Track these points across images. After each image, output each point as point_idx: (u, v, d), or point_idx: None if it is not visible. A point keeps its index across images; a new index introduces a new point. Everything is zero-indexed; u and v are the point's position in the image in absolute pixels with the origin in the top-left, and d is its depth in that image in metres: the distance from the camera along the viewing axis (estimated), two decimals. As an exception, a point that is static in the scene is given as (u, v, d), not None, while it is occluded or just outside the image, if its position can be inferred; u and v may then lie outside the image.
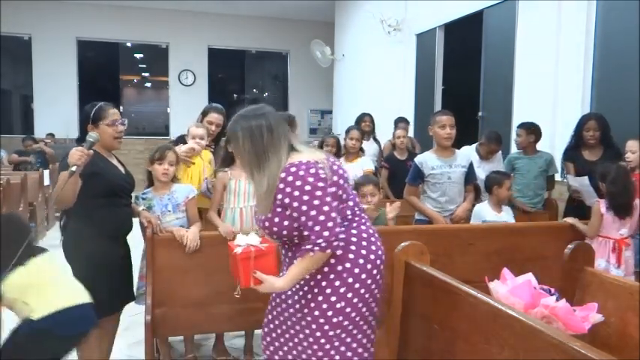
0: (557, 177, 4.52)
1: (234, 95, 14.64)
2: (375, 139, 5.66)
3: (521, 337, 1.63)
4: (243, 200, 3.06)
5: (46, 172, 7.77)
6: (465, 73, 6.86)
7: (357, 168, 4.13)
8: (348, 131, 4.56)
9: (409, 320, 2.26)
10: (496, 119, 4.65)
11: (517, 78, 5.52)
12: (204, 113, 3.61)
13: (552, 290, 2.06)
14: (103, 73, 12.76)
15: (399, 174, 4.57)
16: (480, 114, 6.05)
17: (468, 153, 4.12)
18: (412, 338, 2.25)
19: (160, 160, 2.86)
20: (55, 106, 11.44)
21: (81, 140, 2.62)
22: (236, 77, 14.30)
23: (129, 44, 12.95)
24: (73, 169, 2.35)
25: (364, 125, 5.44)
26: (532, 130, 4.38)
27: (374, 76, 8.94)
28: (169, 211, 2.87)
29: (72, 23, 11.63)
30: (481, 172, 4.13)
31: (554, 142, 4.78)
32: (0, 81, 11.77)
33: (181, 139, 3.50)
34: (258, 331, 3.47)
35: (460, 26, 6.85)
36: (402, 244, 2.28)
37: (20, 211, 5.96)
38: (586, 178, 3.80)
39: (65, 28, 11.62)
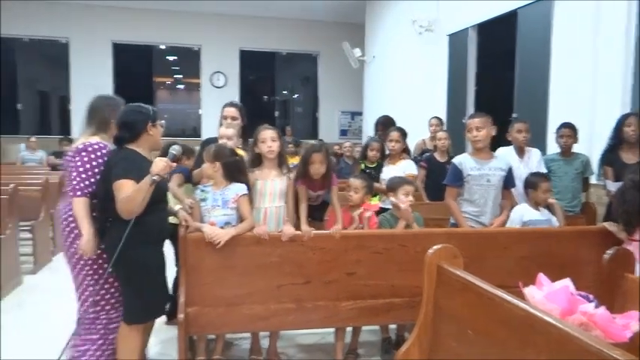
0: (593, 179, 4.41)
1: (265, 97, 14.72)
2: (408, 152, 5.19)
3: (558, 344, 1.58)
4: (268, 201, 3.10)
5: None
6: (498, 74, 6.75)
7: (399, 171, 4.06)
8: (388, 133, 4.49)
9: (441, 323, 2.23)
10: (531, 120, 4.54)
11: (553, 78, 5.39)
12: (221, 111, 3.73)
13: (591, 297, 2.00)
14: (137, 75, 13.01)
15: (436, 176, 4.47)
16: (513, 115, 5.93)
17: (507, 155, 4.03)
18: (444, 341, 2.22)
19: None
20: (92, 108, 11.69)
21: (122, 140, 2.64)
22: (266, 79, 14.39)
23: (162, 47, 13.18)
24: (155, 177, 2.40)
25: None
26: (576, 131, 4.29)
27: (405, 77, 8.87)
28: (218, 205, 2.90)
29: (108, 27, 11.91)
30: (522, 172, 4.06)
31: (592, 144, 4.65)
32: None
33: (213, 141, 3.55)
34: (283, 332, 3.51)
35: (493, 26, 6.73)
36: (435, 246, 2.25)
37: (58, 209, 6.12)
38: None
39: (101, 32, 11.91)
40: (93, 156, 2.71)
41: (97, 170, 2.69)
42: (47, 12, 11.59)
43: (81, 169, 2.68)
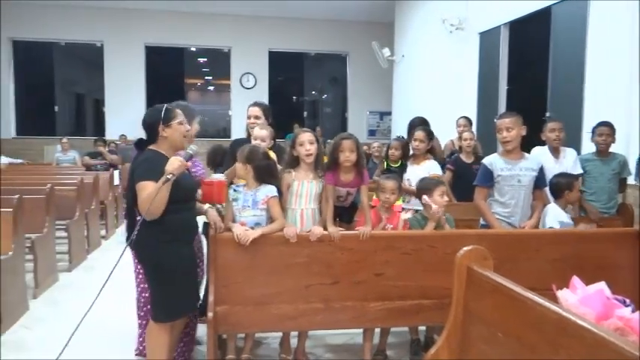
0: (630, 180, 4.28)
1: (294, 97, 14.80)
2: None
3: (593, 349, 1.54)
4: (305, 202, 3.09)
5: (116, 173, 8.16)
6: (530, 73, 6.62)
7: (424, 171, 4.03)
8: (413, 133, 4.46)
9: (471, 326, 2.20)
10: (565, 120, 4.44)
11: (588, 77, 5.26)
12: (247, 111, 3.76)
13: (627, 301, 1.94)
14: (169, 77, 13.26)
15: (464, 177, 4.44)
16: (547, 114, 5.81)
17: (539, 155, 3.95)
18: (473, 344, 2.19)
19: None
20: (125, 109, 12.00)
21: (145, 142, 2.70)
22: (295, 79, 14.47)
23: (193, 49, 13.39)
24: (169, 176, 2.43)
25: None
26: (614, 130, 4.18)
27: (434, 76, 8.79)
28: (249, 206, 2.93)
29: (141, 30, 12.17)
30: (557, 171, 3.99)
31: (629, 145, 4.52)
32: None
33: (240, 142, 3.59)
34: (311, 332, 3.51)
35: (526, 24, 6.61)
36: (464, 248, 2.22)
37: (92, 209, 6.29)
38: None
39: (135, 35, 12.18)
40: None
41: None
42: (83, 16, 11.91)
43: None
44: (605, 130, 4.19)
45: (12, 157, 9.82)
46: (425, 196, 3.25)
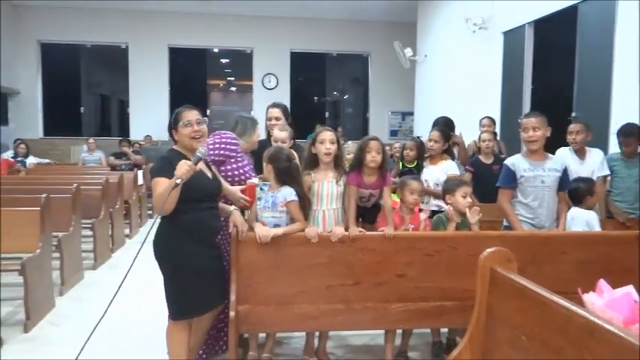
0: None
1: (315, 98, 14.82)
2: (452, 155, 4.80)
3: (620, 354, 1.51)
4: (326, 203, 3.08)
5: (140, 173, 8.28)
6: (556, 72, 6.51)
7: (441, 172, 4.01)
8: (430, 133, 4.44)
9: (494, 328, 2.18)
10: (592, 120, 4.36)
11: (616, 76, 5.15)
12: (266, 113, 3.79)
13: (656, 305, 1.90)
14: (192, 78, 13.40)
15: (484, 178, 4.41)
16: (573, 114, 5.71)
17: (563, 156, 3.89)
18: (496, 347, 2.17)
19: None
20: (149, 110, 12.17)
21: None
22: (317, 80, 14.49)
23: (216, 50, 13.51)
24: (178, 181, 2.47)
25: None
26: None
27: (457, 76, 8.71)
28: (268, 207, 2.94)
29: (164, 32, 12.33)
30: (582, 174, 3.93)
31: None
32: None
33: (262, 144, 3.62)
34: (333, 333, 3.52)
35: (551, 23, 6.50)
36: (488, 249, 2.19)
37: (116, 208, 6.39)
38: None
39: (158, 37, 12.34)
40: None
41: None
42: (108, 19, 12.12)
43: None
44: (632, 141, 4.11)
45: (40, 157, 10.06)
46: (448, 199, 3.24)
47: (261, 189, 3.01)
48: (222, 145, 3.18)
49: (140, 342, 3.60)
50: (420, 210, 3.56)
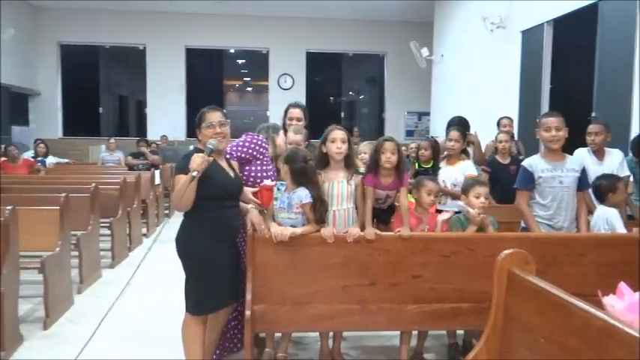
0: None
1: (331, 98, 14.82)
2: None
3: (641, 358, 1.49)
4: (336, 203, 3.06)
5: (157, 172, 8.36)
6: (575, 72, 6.41)
7: (458, 172, 3.98)
8: (447, 132, 4.41)
9: (511, 330, 2.15)
10: (612, 120, 4.29)
11: (637, 76, 5.06)
12: (285, 112, 3.77)
13: (678, 309, 1.86)
14: (209, 79, 13.50)
15: (500, 179, 4.37)
16: (592, 114, 5.63)
17: (581, 157, 3.83)
18: (514, 349, 2.14)
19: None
20: (166, 111, 12.28)
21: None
22: (333, 80, 14.49)
23: (232, 51, 13.58)
24: (194, 174, 2.51)
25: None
26: None
27: (475, 76, 8.64)
28: (284, 208, 2.94)
29: (181, 33, 12.44)
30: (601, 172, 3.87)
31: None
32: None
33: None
34: (347, 334, 3.51)
35: (571, 21, 6.42)
36: (505, 251, 2.17)
37: (134, 208, 6.46)
38: None
39: (175, 38, 12.45)
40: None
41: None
42: (126, 20, 12.27)
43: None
44: None
45: (59, 156, 10.20)
46: (462, 199, 3.21)
47: (278, 189, 3.02)
48: (252, 145, 3.21)
49: (155, 339, 3.63)
50: (439, 211, 3.53)
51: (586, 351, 1.70)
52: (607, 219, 3.41)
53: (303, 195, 2.90)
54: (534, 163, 3.34)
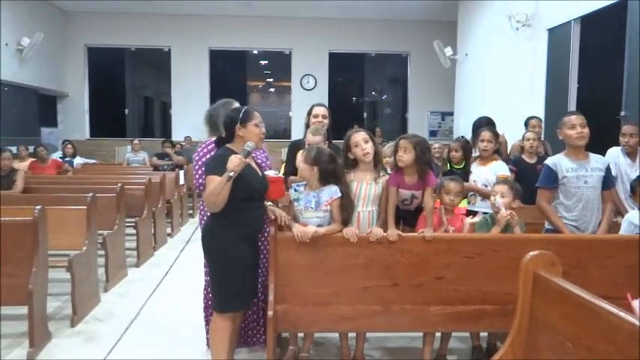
0: None
1: (354, 98, 14.78)
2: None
3: (672, 363, 1.45)
4: (362, 204, 3.05)
5: (182, 173, 8.45)
6: (603, 70, 6.27)
7: (490, 172, 3.92)
8: (479, 133, 4.34)
9: (537, 333, 2.12)
10: (640, 119, 4.20)
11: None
12: (309, 113, 3.78)
13: None
14: (232, 80, 13.59)
15: (527, 178, 4.29)
16: (622, 113, 5.50)
17: (611, 155, 3.75)
18: (539, 352, 2.11)
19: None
20: (190, 112, 12.40)
21: (224, 141, 2.82)
22: (355, 80, 14.45)
23: (255, 52, 13.65)
24: (231, 174, 2.54)
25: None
26: None
27: (500, 75, 8.53)
28: (311, 207, 2.94)
29: (205, 35, 12.56)
30: (634, 176, 3.78)
31: None
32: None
33: (298, 143, 3.63)
34: (370, 335, 3.49)
35: (599, 19, 6.28)
36: (531, 253, 2.14)
37: (159, 208, 6.54)
38: None
39: (200, 40, 12.58)
40: (202, 153, 3.24)
41: (200, 163, 3.19)
42: (151, 23, 12.45)
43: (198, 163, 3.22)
44: None
45: (86, 157, 10.40)
46: (492, 199, 3.17)
47: (295, 190, 3.02)
48: (206, 151, 3.25)
49: (180, 338, 3.68)
50: (471, 213, 3.49)
51: (614, 355, 1.66)
52: (631, 220, 3.32)
53: (334, 190, 2.90)
54: (558, 162, 3.29)
